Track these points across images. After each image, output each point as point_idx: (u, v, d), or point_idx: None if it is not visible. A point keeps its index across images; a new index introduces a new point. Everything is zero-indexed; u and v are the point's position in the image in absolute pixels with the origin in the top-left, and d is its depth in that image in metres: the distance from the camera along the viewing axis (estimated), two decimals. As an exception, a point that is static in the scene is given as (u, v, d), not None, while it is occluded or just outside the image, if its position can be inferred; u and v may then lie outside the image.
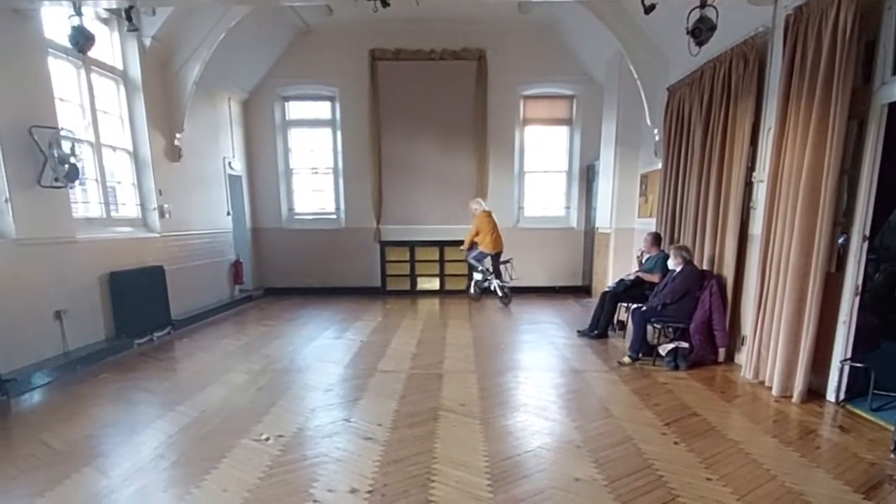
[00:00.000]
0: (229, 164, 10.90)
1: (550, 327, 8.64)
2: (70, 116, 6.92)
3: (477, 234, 10.66)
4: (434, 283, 12.17)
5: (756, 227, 5.98)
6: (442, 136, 11.70)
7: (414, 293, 12.08)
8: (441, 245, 12.00)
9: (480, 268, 11.00)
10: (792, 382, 5.20)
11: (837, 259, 4.96)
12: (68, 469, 3.90)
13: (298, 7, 10.13)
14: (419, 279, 12.21)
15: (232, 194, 11.00)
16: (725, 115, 6.37)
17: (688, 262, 6.50)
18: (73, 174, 6.36)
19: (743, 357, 6.13)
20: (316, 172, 12.40)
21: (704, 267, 6.75)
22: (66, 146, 6.32)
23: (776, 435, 4.44)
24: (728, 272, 6.35)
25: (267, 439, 4.38)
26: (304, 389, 5.70)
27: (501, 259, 10.87)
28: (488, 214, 10.70)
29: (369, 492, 3.54)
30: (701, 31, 5.61)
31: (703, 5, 5.50)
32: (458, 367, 6.46)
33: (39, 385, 5.81)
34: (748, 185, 6.13)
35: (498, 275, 10.89)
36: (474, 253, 10.85)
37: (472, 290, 11.47)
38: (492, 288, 10.95)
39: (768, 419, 4.80)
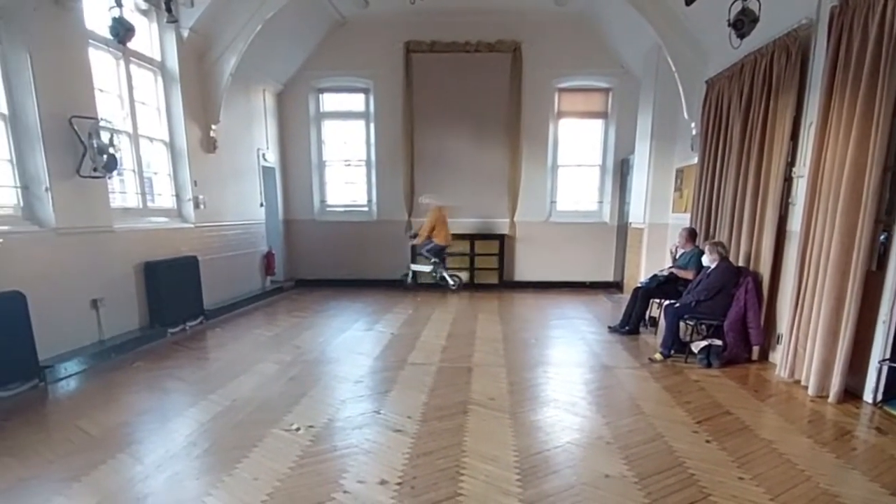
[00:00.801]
0: (263, 155, 11.01)
1: (581, 323, 8.58)
2: (109, 107, 7.04)
3: (433, 228, 10.96)
4: (464, 277, 12.14)
5: (795, 224, 5.85)
6: (475, 129, 11.66)
7: (444, 286, 12.07)
8: (472, 238, 11.98)
9: (434, 259, 11.31)
10: (828, 382, 5.09)
11: (878, 257, 4.84)
12: (103, 455, 3.99)
13: (335, -1, 10.20)
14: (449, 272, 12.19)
15: (265, 186, 11.12)
16: (766, 108, 6.24)
17: (723, 259, 6.40)
18: (112, 164, 6.46)
19: (778, 356, 6.02)
20: (349, 165, 12.47)
21: (740, 263, 6.64)
22: (104, 136, 6.42)
23: (811, 435, 4.35)
24: (765, 269, 6.23)
25: (297, 429, 4.43)
26: (334, 381, 5.75)
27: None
28: (440, 209, 11.02)
29: (399, 484, 3.56)
30: (743, 24, 5.52)
31: (745, -3, 5.40)
32: (487, 360, 6.45)
33: (75, 372, 5.95)
34: (787, 181, 6.00)
35: (444, 266, 11.48)
36: (429, 245, 11.13)
37: (409, 280, 11.91)
38: (439, 277, 11.52)
39: (803, 419, 4.72)
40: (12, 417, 4.72)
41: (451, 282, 11.47)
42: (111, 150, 6.42)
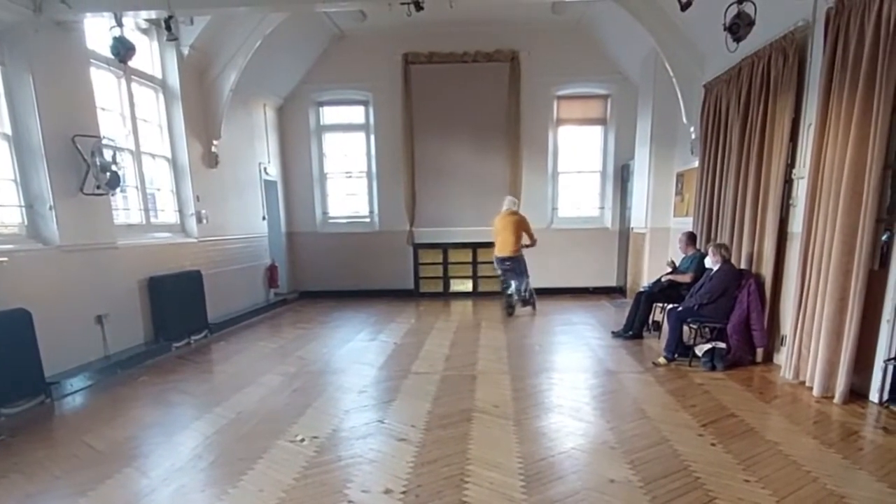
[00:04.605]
0: (265, 169, 11.04)
1: (584, 328, 8.57)
2: (111, 125, 7.09)
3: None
4: (467, 286, 12.15)
5: (796, 225, 5.85)
6: (475, 138, 11.69)
7: (447, 295, 12.08)
8: (474, 247, 11.97)
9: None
10: (833, 382, 5.07)
11: (881, 256, 4.83)
12: (110, 469, 4.00)
13: (333, 13, 10.22)
14: (452, 281, 12.19)
15: (267, 199, 11.14)
16: (764, 111, 6.25)
17: (726, 261, 6.38)
18: (115, 182, 6.52)
19: (782, 357, 6.00)
20: (350, 176, 12.50)
21: (742, 266, 6.62)
22: (107, 154, 6.46)
23: (817, 436, 4.34)
24: (767, 271, 6.22)
25: (302, 440, 4.44)
26: (338, 391, 5.75)
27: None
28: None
29: (403, 492, 3.56)
30: (738, 27, 5.51)
31: (740, 0, 5.40)
32: (491, 368, 6.45)
33: (81, 388, 5.97)
34: (788, 182, 6.00)
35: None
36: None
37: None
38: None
39: (809, 420, 4.71)
40: (19, 434, 4.74)
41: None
42: (114, 168, 6.48)
